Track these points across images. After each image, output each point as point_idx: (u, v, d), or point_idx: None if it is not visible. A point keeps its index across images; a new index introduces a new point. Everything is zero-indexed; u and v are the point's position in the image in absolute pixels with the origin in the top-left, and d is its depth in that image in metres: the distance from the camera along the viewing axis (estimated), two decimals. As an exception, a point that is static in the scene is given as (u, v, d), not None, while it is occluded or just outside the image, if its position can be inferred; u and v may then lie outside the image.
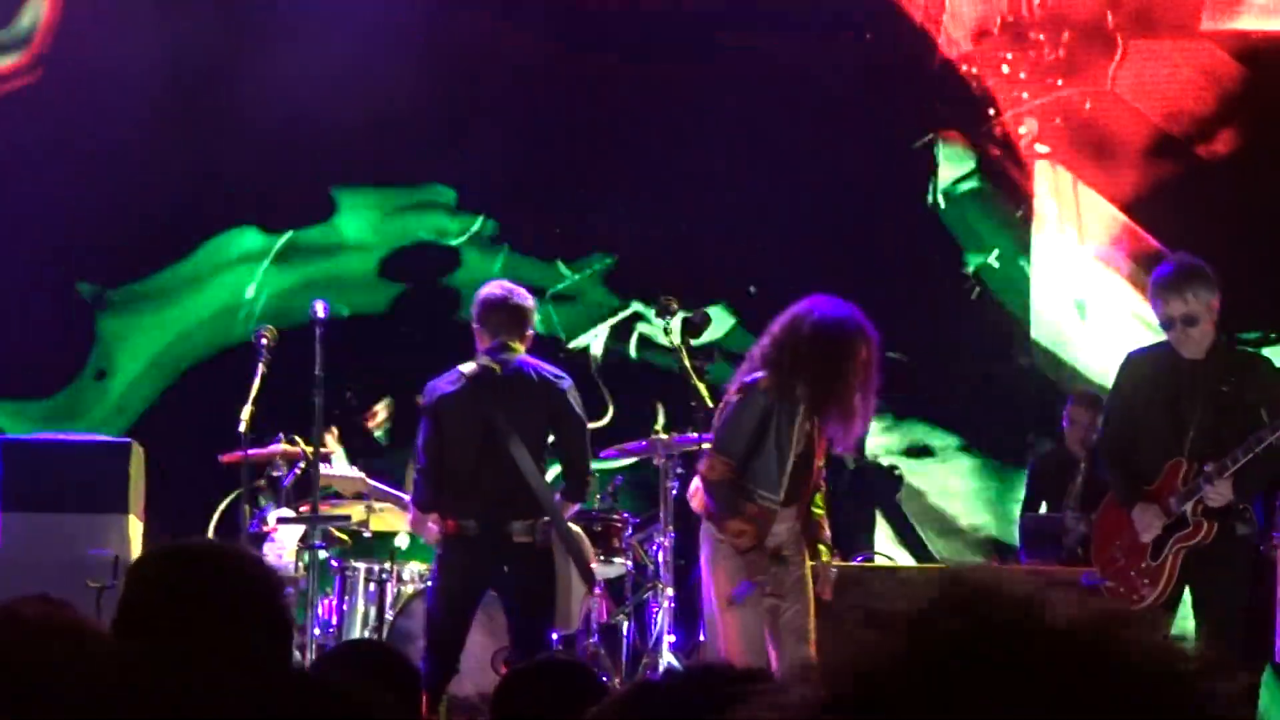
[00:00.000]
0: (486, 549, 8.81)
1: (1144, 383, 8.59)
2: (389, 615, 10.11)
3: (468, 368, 8.98)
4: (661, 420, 10.28)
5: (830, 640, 1.60)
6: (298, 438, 10.18)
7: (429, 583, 9.65)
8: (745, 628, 8.49)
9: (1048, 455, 12.16)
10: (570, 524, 9.13)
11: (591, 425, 9.40)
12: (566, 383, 9.08)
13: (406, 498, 9.86)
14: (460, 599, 8.90)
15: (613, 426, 11.00)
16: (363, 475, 10.46)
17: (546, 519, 8.86)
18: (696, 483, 8.71)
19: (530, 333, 9.17)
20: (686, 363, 9.45)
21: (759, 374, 8.44)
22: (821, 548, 8.81)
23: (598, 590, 10.19)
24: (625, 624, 10.76)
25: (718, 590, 8.57)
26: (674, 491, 10.09)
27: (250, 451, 9.75)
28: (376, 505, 10.45)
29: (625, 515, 10.69)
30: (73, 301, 13.61)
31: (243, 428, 9.68)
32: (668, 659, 10.16)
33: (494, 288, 9.21)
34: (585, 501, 9.50)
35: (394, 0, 13.36)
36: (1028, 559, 11.32)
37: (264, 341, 9.75)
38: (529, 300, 9.22)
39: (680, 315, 9.66)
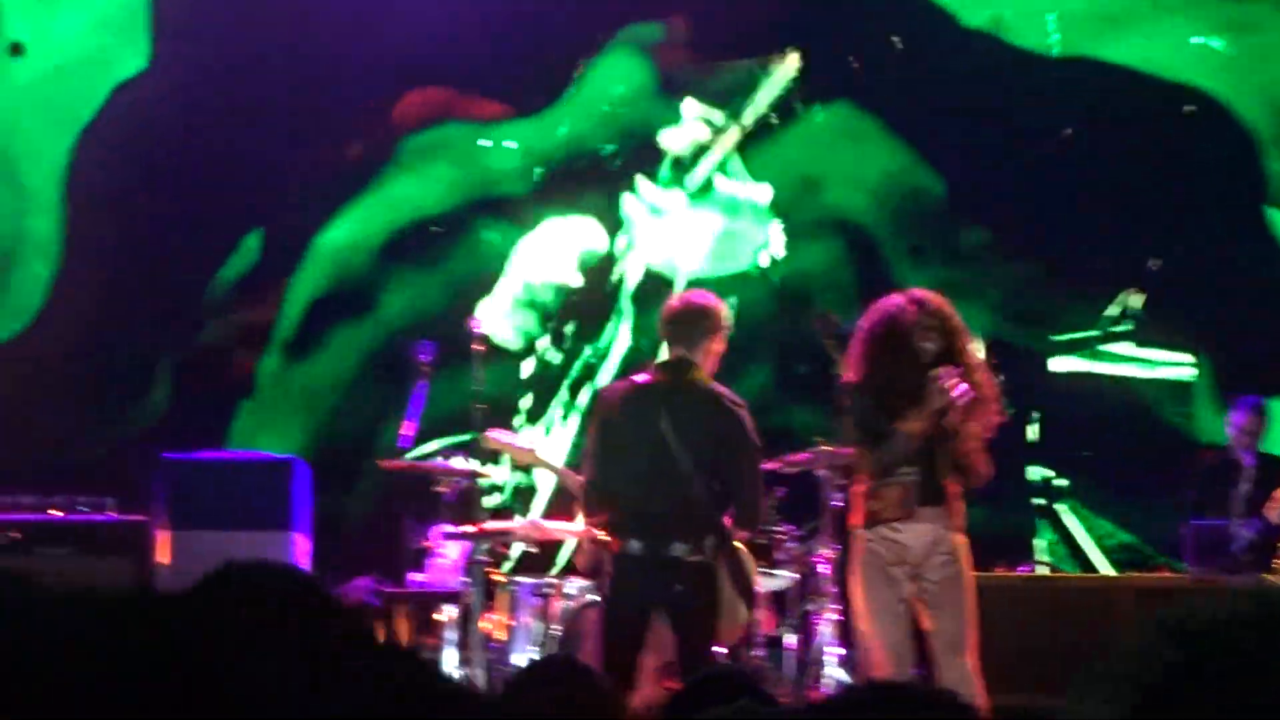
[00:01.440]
0: (653, 567, 8.65)
1: None
2: (553, 630, 10.10)
3: (641, 379, 8.85)
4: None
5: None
6: (463, 456, 10.21)
7: (596, 598, 9.65)
8: (884, 638, 8.43)
9: (1211, 460, 11.98)
10: (737, 544, 9.00)
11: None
12: (740, 407, 8.83)
13: (577, 477, 9.88)
14: (630, 618, 8.70)
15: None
16: (532, 448, 10.23)
17: (712, 538, 8.69)
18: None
19: (712, 343, 8.85)
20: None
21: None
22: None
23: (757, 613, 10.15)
24: (790, 636, 10.71)
25: (854, 598, 8.56)
26: (837, 503, 10.05)
27: (415, 465, 9.82)
28: (545, 524, 10.38)
29: (788, 527, 10.64)
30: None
31: (406, 443, 9.76)
32: (832, 672, 10.11)
33: (675, 296, 9.11)
34: (755, 531, 9.17)
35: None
36: (1195, 567, 11.17)
37: (424, 358, 9.81)
38: (710, 305, 8.93)
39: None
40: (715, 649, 8.87)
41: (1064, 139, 12.14)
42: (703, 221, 13.59)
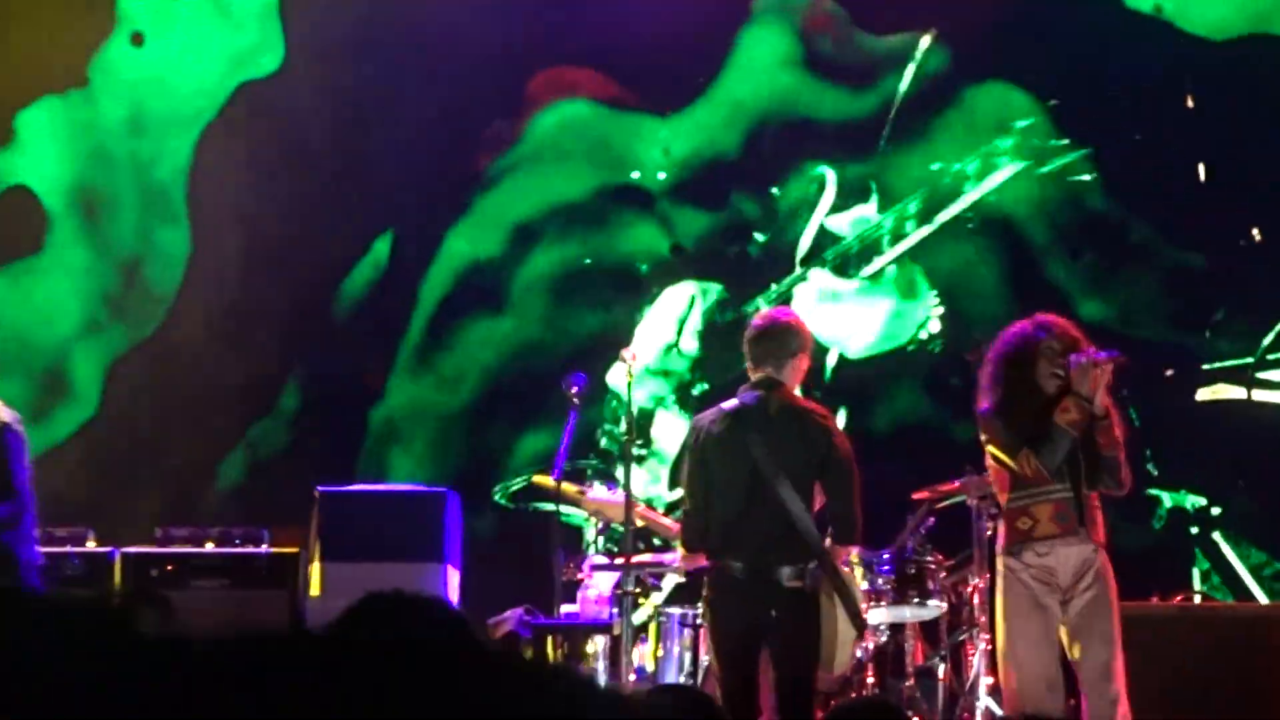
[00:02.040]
0: (754, 593, 8.50)
1: None
2: (704, 660, 10.10)
3: (730, 404, 8.73)
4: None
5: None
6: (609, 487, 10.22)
7: (698, 626, 9.65)
8: (1037, 668, 8.37)
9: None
10: (840, 566, 8.93)
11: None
12: (829, 419, 8.80)
13: (674, 526, 9.85)
14: (738, 647, 8.56)
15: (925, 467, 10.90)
16: (617, 499, 10.18)
17: (815, 563, 8.54)
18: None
19: (799, 360, 8.77)
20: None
21: None
22: None
23: (867, 640, 10.10)
24: (940, 667, 10.64)
25: (1003, 627, 8.50)
26: (988, 532, 10.00)
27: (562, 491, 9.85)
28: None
29: (939, 557, 10.57)
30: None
31: (558, 474, 9.79)
32: (984, 702, 10.05)
33: (758, 315, 9.02)
34: (853, 544, 9.10)
35: None
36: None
37: (575, 390, 9.85)
38: (795, 323, 8.88)
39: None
40: (818, 678, 8.72)
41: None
42: (874, 306, 13.48)
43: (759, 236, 13.62)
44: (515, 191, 13.72)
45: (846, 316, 13.47)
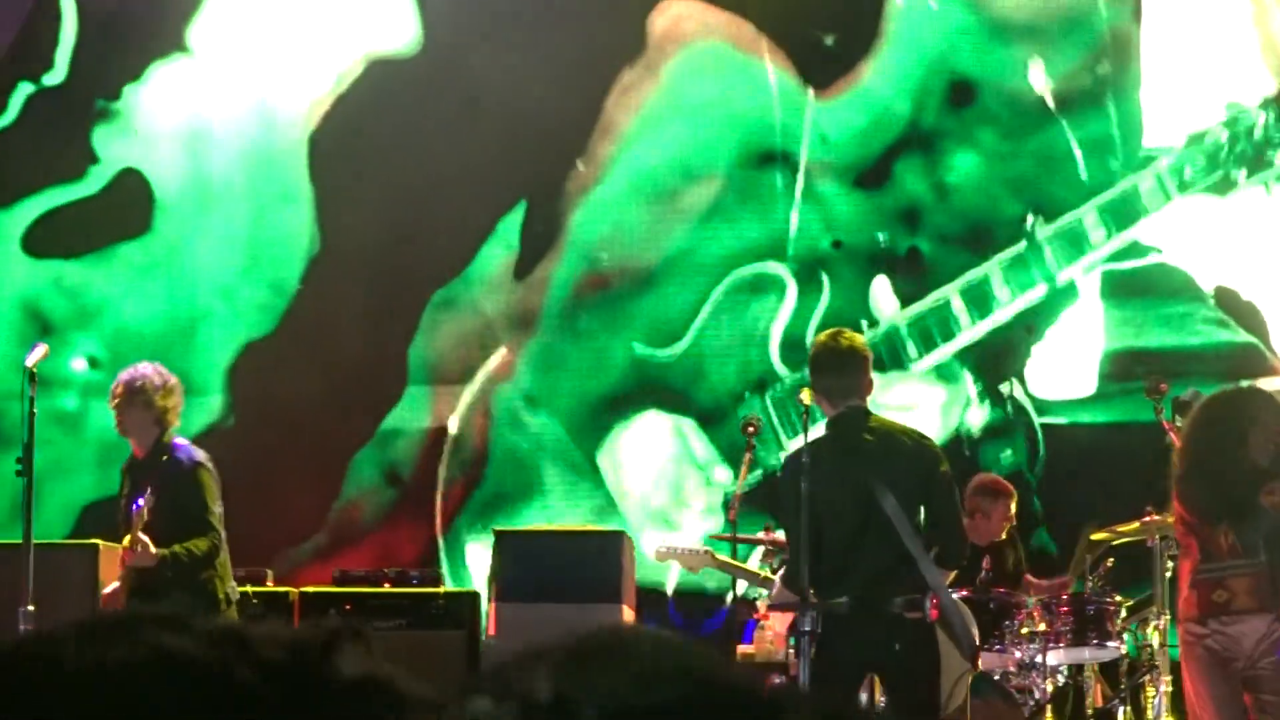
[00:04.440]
0: (865, 627, 8.21)
1: None
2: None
3: (824, 434, 8.44)
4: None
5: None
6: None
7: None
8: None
9: None
10: (951, 594, 8.75)
11: None
12: (928, 440, 8.60)
13: (756, 571, 9.80)
14: (841, 685, 8.19)
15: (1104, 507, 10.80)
16: (709, 549, 10.17)
17: (928, 592, 8.21)
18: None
19: (869, 379, 8.51)
20: (1175, 441, 9.22)
21: None
22: None
23: (1018, 684, 9.99)
24: (1120, 710, 10.53)
25: (1192, 692, 8.42)
26: (1168, 573, 9.89)
27: (738, 537, 9.87)
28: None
29: (1118, 597, 10.47)
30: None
31: (730, 516, 9.83)
32: (1165, 745, 9.93)
33: (815, 346, 8.70)
34: (957, 567, 8.89)
35: None
36: None
37: (750, 430, 9.87)
38: (859, 343, 8.57)
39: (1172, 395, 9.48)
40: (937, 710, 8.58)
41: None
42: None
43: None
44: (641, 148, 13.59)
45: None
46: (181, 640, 1.68)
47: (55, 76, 13.47)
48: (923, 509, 8.45)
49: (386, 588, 11.62)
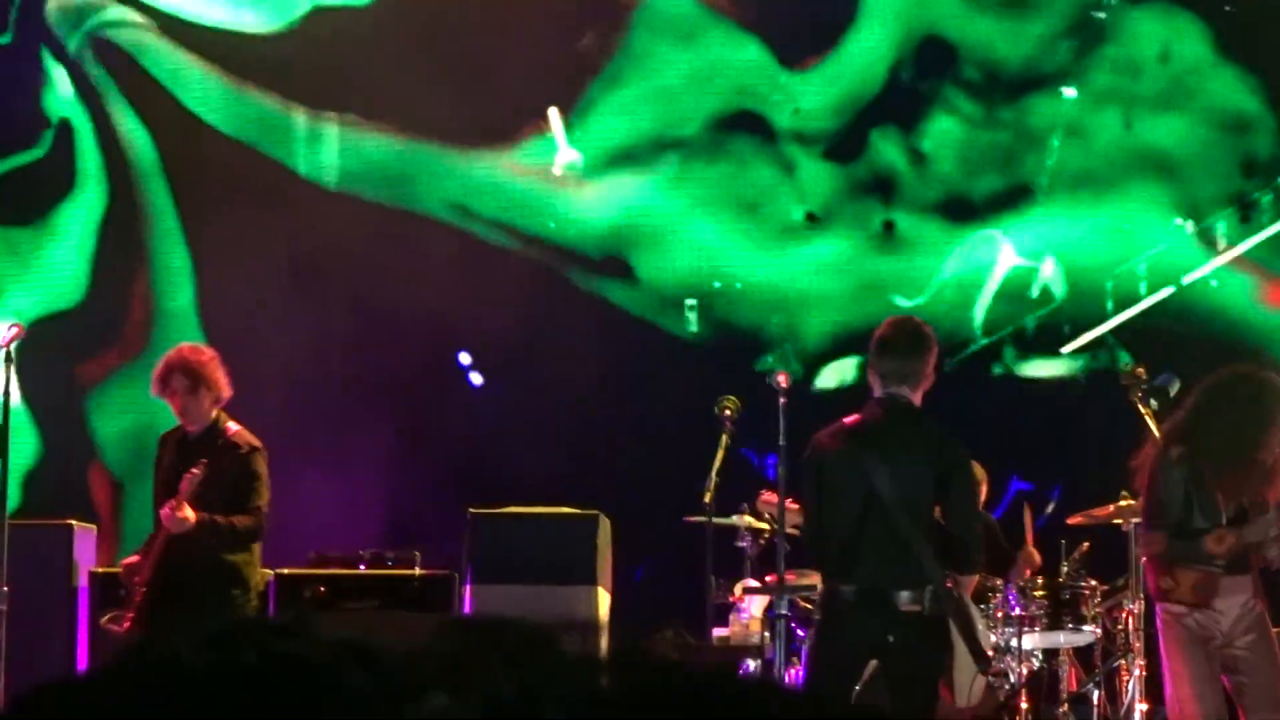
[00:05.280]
0: (867, 617, 8.13)
1: None
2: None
3: (851, 420, 8.33)
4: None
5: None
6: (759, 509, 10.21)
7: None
8: (1204, 705, 8.30)
9: None
10: (963, 597, 8.71)
11: None
12: (955, 439, 8.41)
13: None
14: (842, 671, 8.18)
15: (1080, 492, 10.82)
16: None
17: (933, 588, 8.13)
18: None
19: (929, 371, 8.36)
20: (1154, 428, 9.24)
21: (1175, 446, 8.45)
22: None
23: (994, 669, 9.99)
24: (1095, 693, 10.56)
25: (1170, 669, 8.44)
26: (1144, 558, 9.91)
27: (715, 520, 9.86)
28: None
29: (1093, 582, 10.50)
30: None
31: (706, 498, 9.80)
32: (1139, 728, 9.96)
33: (886, 326, 8.50)
34: (971, 572, 8.85)
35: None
36: None
37: (726, 413, 9.84)
38: (927, 332, 8.45)
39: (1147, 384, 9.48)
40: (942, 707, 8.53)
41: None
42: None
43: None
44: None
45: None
46: (302, 647, 1.69)
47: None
48: (941, 508, 8.29)
49: (361, 569, 11.61)
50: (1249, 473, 8.33)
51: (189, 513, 9.55)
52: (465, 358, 13.57)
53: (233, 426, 10.00)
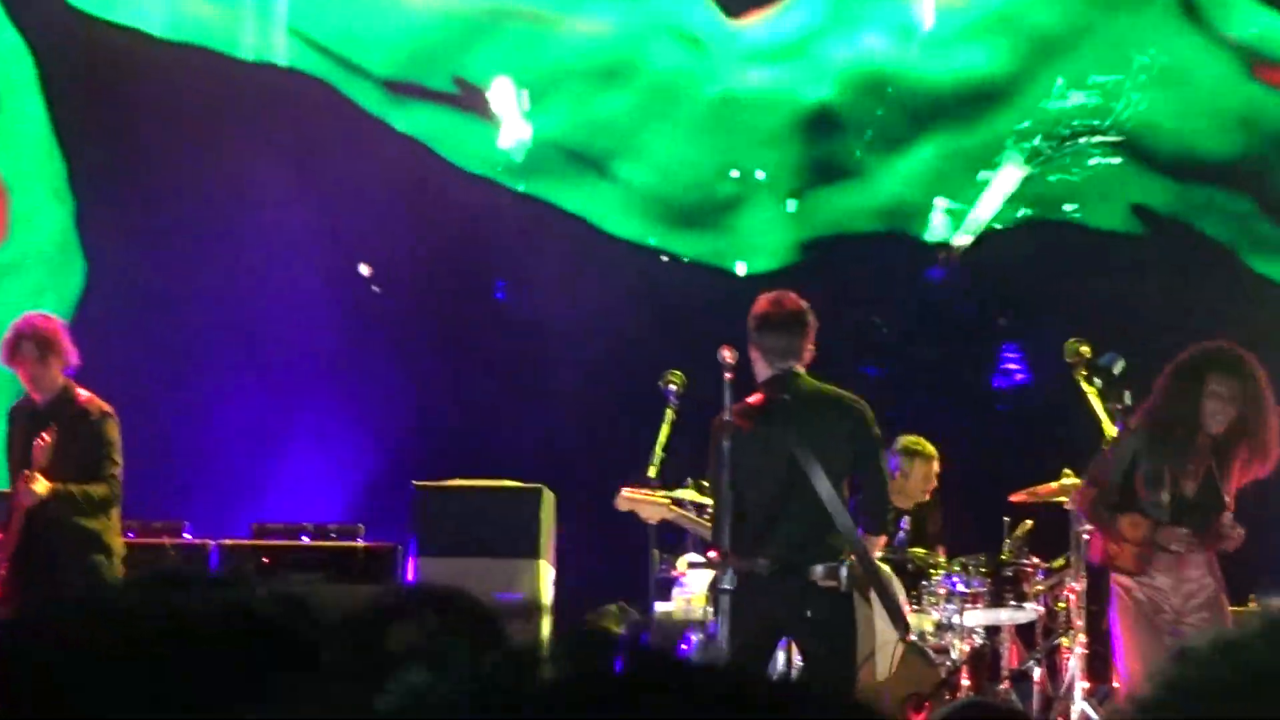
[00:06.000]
0: (782, 592, 8.21)
1: None
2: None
3: (757, 398, 8.35)
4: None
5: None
6: (705, 483, 10.17)
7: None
8: (1142, 679, 8.34)
9: None
10: (880, 564, 8.73)
11: None
12: (861, 403, 8.45)
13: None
14: (756, 646, 8.23)
15: (1024, 470, 10.83)
16: (668, 501, 10.08)
17: (849, 561, 8.23)
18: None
19: (810, 344, 8.46)
20: (1097, 406, 9.26)
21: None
22: None
23: (935, 645, 10.03)
24: (1036, 670, 10.59)
25: (1121, 641, 8.49)
26: (1086, 536, 9.94)
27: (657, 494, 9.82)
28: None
29: (1036, 560, 10.53)
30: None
31: (651, 473, 9.77)
32: (1080, 706, 9.98)
33: (765, 303, 8.53)
34: (883, 534, 8.82)
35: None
36: None
37: (672, 387, 9.81)
38: (804, 306, 8.51)
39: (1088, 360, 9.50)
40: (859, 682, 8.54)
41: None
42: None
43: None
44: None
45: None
46: (246, 596, 1.68)
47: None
48: (853, 478, 8.42)
49: (304, 541, 11.58)
50: (1189, 447, 8.36)
51: (41, 483, 9.47)
52: (364, 269, 13.55)
53: (83, 394, 9.88)
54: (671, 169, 13.67)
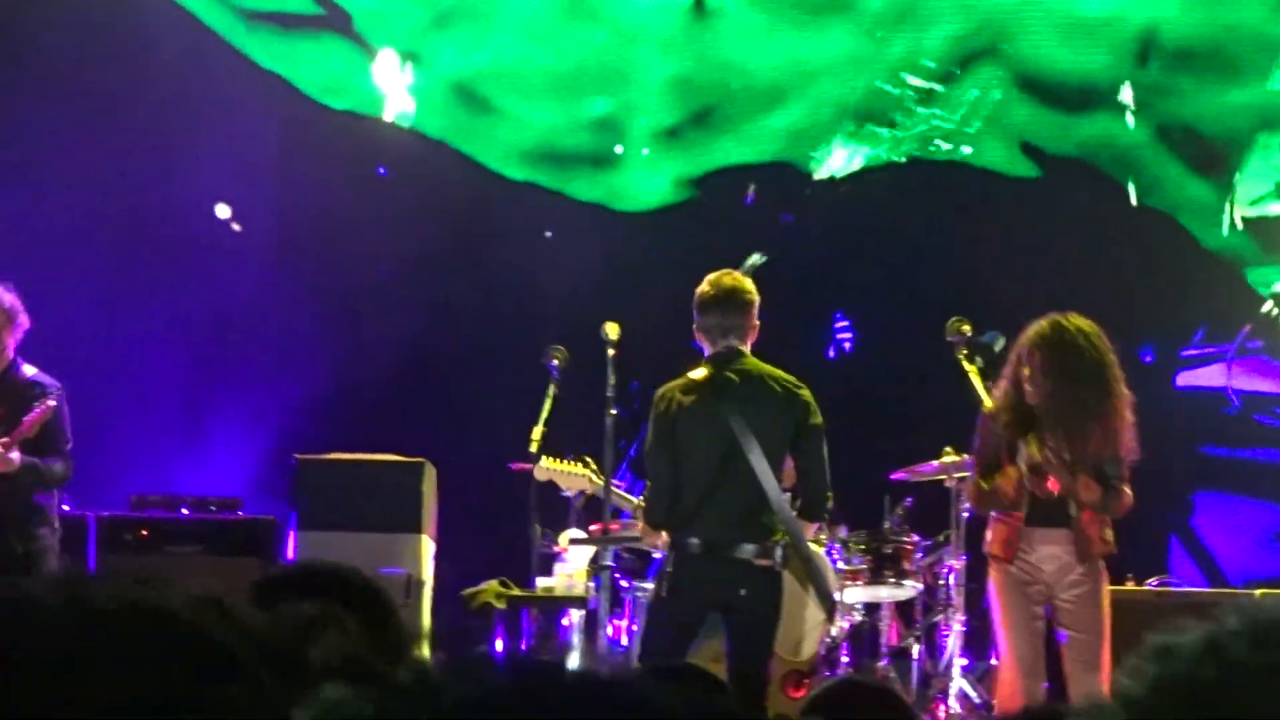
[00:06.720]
0: (714, 570, 8.24)
1: None
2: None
3: (700, 374, 8.37)
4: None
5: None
6: (589, 459, 10.16)
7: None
8: (1017, 654, 8.40)
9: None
10: (812, 546, 8.78)
11: None
12: (803, 388, 8.45)
13: (630, 498, 9.80)
14: (684, 622, 8.30)
15: (906, 448, 10.86)
16: (589, 473, 10.17)
17: (783, 540, 8.29)
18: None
19: (754, 323, 8.47)
20: (978, 385, 9.29)
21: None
22: None
23: (843, 620, 10.06)
24: (916, 647, 10.65)
25: (993, 615, 8.56)
26: (965, 514, 10.01)
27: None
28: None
29: (916, 538, 10.57)
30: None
31: (533, 448, 9.77)
32: (959, 683, 10.05)
33: (706, 283, 8.52)
34: (821, 520, 8.85)
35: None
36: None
37: (555, 362, 9.80)
38: (746, 285, 8.49)
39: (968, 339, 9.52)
40: (780, 661, 8.57)
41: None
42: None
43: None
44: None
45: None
46: (165, 598, 1.65)
47: None
48: (789, 458, 8.44)
49: (184, 514, 11.48)
50: (1030, 422, 8.41)
51: (16, 454, 9.37)
52: (223, 209, 13.43)
53: (30, 368, 9.76)
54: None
